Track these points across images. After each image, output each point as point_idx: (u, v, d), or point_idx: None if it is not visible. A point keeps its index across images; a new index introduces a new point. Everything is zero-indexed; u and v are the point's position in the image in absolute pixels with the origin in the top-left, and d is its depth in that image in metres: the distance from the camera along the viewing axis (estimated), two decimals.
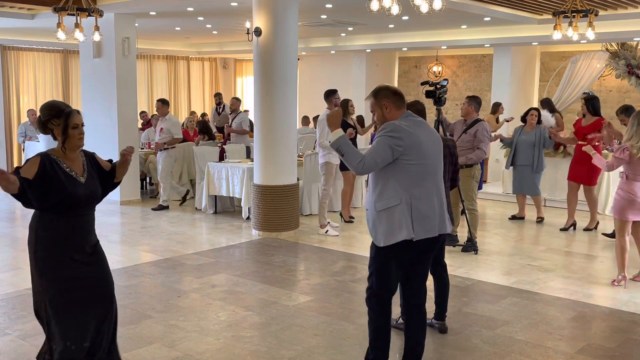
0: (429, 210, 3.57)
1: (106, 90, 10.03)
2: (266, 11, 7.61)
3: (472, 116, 7.25)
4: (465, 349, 4.40)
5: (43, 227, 3.38)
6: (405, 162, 3.53)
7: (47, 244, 3.38)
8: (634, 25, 10.06)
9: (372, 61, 15.55)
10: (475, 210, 7.16)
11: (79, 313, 3.42)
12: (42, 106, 3.48)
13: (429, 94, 6.62)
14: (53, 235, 3.38)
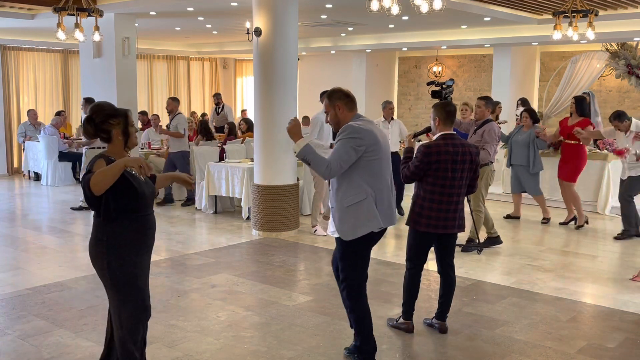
0: (389, 201, 3.92)
1: (106, 91, 10.02)
2: (266, 11, 7.61)
3: (486, 117, 7.19)
4: (465, 349, 4.40)
5: (114, 234, 3.24)
6: (368, 159, 3.80)
7: (121, 252, 3.26)
8: (634, 25, 10.07)
9: (372, 61, 15.55)
10: (480, 211, 7.13)
11: (146, 321, 3.45)
12: (92, 108, 3.32)
13: (435, 94, 6.63)
14: (127, 240, 3.27)
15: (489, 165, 7.10)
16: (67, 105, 14.58)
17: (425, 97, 15.59)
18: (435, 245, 4.64)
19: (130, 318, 3.34)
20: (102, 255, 3.26)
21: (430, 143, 4.49)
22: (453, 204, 4.47)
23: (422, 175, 4.46)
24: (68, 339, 4.50)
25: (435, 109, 4.57)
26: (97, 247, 3.27)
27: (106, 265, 3.26)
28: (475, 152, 4.54)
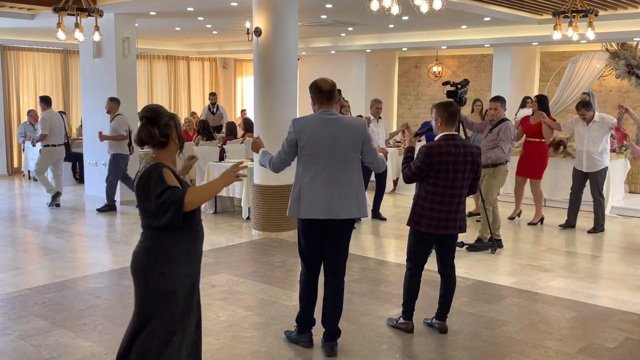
0: (319, 196, 4.11)
1: (106, 90, 10.02)
2: (266, 11, 7.61)
3: (501, 116, 7.17)
4: (465, 349, 4.40)
5: (172, 245, 3.06)
6: (300, 153, 4.14)
7: (177, 263, 3.08)
8: (634, 25, 10.07)
9: (372, 61, 15.55)
10: (494, 209, 7.13)
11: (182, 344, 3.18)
12: (151, 111, 3.10)
13: (450, 94, 6.65)
14: (183, 251, 3.10)
15: (504, 164, 7.08)
16: (67, 106, 14.58)
17: (425, 97, 15.59)
18: (436, 245, 4.64)
19: (161, 337, 3.07)
20: (155, 266, 3.04)
21: (432, 144, 4.48)
22: (454, 205, 4.47)
23: (423, 175, 4.46)
24: (68, 339, 4.50)
25: (437, 109, 4.55)
26: (150, 257, 3.05)
27: (158, 276, 3.04)
28: (477, 152, 4.52)
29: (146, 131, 3.05)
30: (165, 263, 3.05)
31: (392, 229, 8.40)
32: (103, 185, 9.92)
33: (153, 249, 3.05)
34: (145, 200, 3.00)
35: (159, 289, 3.06)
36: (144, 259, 3.07)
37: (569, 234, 8.14)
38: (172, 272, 3.06)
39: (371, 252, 7.17)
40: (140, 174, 3.03)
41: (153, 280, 3.05)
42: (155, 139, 3.05)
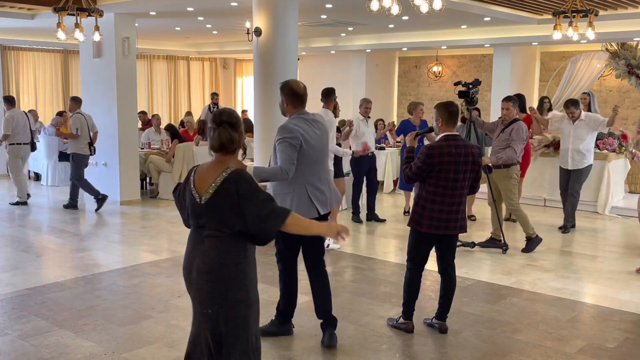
0: (322, 193, 4.28)
1: (106, 90, 10.03)
2: (266, 11, 7.61)
3: (513, 116, 7.13)
4: (465, 348, 4.40)
5: (251, 259, 3.04)
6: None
7: (254, 281, 3.07)
8: (634, 25, 10.07)
9: (372, 61, 15.55)
10: (517, 210, 7.10)
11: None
12: (230, 115, 2.98)
13: (462, 94, 6.64)
14: (254, 267, 3.07)
15: (515, 165, 7.04)
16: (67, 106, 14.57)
17: (425, 97, 15.59)
18: (436, 245, 4.64)
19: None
20: (240, 280, 2.96)
21: (433, 144, 4.47)
22: (455, 205, 4.47)
23: (424, 176, 4.45)
24: (68, 339, 4.50)
25: (437, 110, 4.55)
26: (233, 271, 2.93)
27: (244, 293, 2.97)
28: (477, 153, 4.52)
29: (228, 136, 2.91)
30: (249, 277, 3.06)
31: (392, 229, 8.40)
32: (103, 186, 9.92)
33: (234, 262, 2.94)
34: (249, 205, 2.86)
35: (245, 308, 2.99)
36: (221, 272, 2.92)
37: (569, 234, 8.13)
38: (254, 290, 3.11)
39: (371, 252, 7.17)
40: (225, 180, 2.86)
41: (239, 299, 2.96)
42: (236, 143, 2.95)
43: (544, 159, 9.79)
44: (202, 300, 2.93)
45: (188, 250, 3.00)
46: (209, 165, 2.96)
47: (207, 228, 2.91)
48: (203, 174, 2.93)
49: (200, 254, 2.92)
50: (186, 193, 2.99)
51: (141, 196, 10.52)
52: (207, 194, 2.88)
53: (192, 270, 2.94)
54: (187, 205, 2.98)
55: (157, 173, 10.75)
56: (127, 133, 10.06)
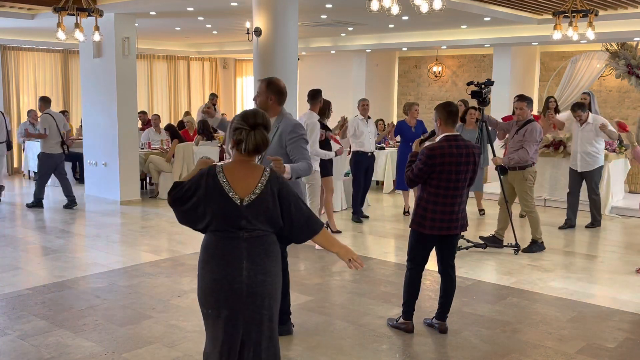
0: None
1: (106, 90, 10.03)
2: (266, 11, 7.61)
3: (527, 117, 7.11)
4: (465, 348, 4.40)
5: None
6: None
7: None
8: (634, 25, 10.06)
9: (372, 61, 15.54)
10: (532, 212, 7.08)
11: None
12: (265, 115, 2.96)
13: (475, 94, 6.64)
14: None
15: (531, 166, 7.01)
16: (67, 106, 14.58)
17: (425, 97, 15.58)
18: (437, 245, 4.64)
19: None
20: (280, 277, 3.01)
21: (433, 145, 4.46)
22: (456, 205, 4.47)
23: (425, 177, 4.44)
24: (68, 339, 4.50)
25: (437, 110, 4.55)
26: (280, 264, 2.99)
27: (280, 290, 3.02)
28: (478, 152, 4.53)
29: (265, 138, 2.88)
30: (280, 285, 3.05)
31: (392, 229, 8.40)
32: (103, 185, 9.92)
33: (280, 254, 3.01)
34: (294, 207, 2.92)
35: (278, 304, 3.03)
36: (273, 271, 2.95)
37: (569, 234, 8.14)
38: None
39: (371, 252, 7.18)
40: (269, 181, 2.87)
41: (276, 299, 2.99)
42: (268, 145, 2.94)
43: (544, 159, 9.79)
44: (257, 302, 2.88)
45: (224, 256, 2.89)
46: (241, 166, 2.90)
47: (247, 229, 2.86)
48: (239, 175, 2.87)
49: (245, 256, 2.86)
50: (212, 195, 2.85)
51: (141, 196, 10.52)
52: (252, 195, 2.84)
53: (242, 274, 2.85)
54: (214, 208, 2.85)
55: (157, 173, 10.75)
56: (127, 133, 10.06)
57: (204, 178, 2.88)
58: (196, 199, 2.88)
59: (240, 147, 2.87)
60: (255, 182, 2.86)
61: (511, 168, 7.04)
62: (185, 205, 2.93)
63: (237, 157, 2.92)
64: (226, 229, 2.87)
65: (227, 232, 2.88)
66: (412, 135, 8.83)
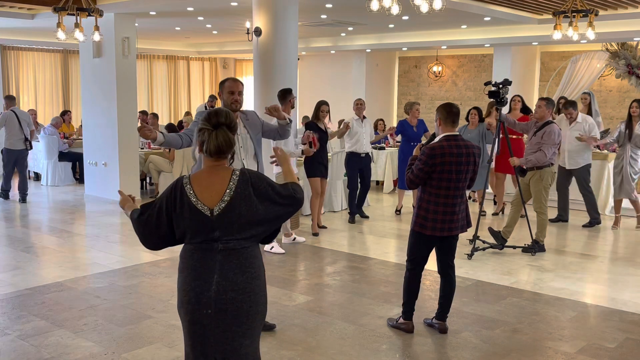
0: None
1: (106, 90, 10.03)
2: (266, 11, 7.61)
3: (546, 118, 7.07)
4: (465, 348, 4.40)
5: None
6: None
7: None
8: (634, 25, 10.07)
9: (372, 61, 15.55)
10: (542, 213, 7.06)
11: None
12: (233, 117, 2.80)
13: (493, 94, 6.66)
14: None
15: (549, 167, 6.99)
16: (67, 106, 14.59)
17: (425, 97, 15.59)
18: (437, 246, 4.63)
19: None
20: (263, 289, 2.78)
21: (434, 145, 4.45)
22: (457, 206, 4.47)
23: (425, 178, 4.43)
24: (68, 339, 4.50)
25: (438, 110, 4.57)
26: (259, 280, 2.75)
27: (263, 304, 2.78)
28: (477, 152, 4.53)
29: (227, 138, 2.68)
30: (264, 284, 2.83)
31: (392, 229, 8.40)
32: (103, 185, 9.91)
33: (260, 270, 2.77)
34: (270, 203, 2.73)
35: (263, 314, 2.81)
36: (251, 283, 2.71)
37: (569, 234, 8.14)
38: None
39: (371, 252, 7.17)
40: (240, 183, 2.67)
41: (262, 304, 2.79)
42: (232, 147, 2.72)
43: None
44: (228, 320, 2.67)
45: (195, 269, 2.67)
46: (209, 172, 2.70)
47: (220, 242, 2.66)
48: (205, 183, 2.67)
49: (217, 270, 2.65)
50: (181, 208, 2.67)
51: (141, 196, 10.52)
52: (222, 203, 2.63)
53: (210, 289, 2.64)
54: (186, 222, 2.67)
55: (157, 173, 10.75)
56: (127, 133, 10.06)
57: (173, 191, 2.70)
58: (167, 211, 2.70)
59: (203, 149, 2.68)
60: (224, 189, 2.64)
61: (528, 168, 7.04)
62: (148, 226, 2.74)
63: (205, 162, 2.73)
64: (200, 242, 2.68)
65: (200, 245, 2.68)
66: (414, 134, 8.87)
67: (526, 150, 7.19)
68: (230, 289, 2.64)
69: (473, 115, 8.93)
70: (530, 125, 7.35)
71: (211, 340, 2.69)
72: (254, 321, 2.73)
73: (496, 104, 6.97)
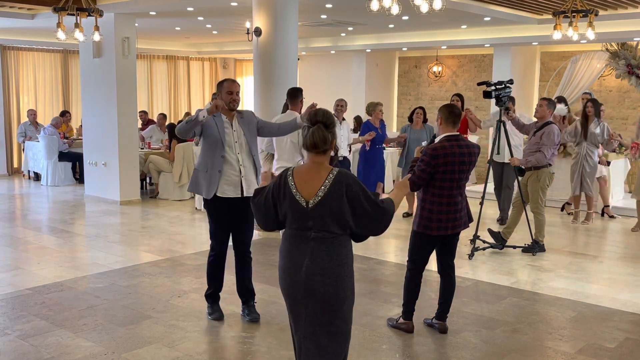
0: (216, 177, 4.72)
1: (106, 90, 10.03)
2: (266, 11, 7.61)
3: (547, 118, 7.06)
4: (465, 348, 4.40)
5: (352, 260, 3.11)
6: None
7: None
8: (634, 25, 10.06)
9: (372, 61, 15.54)
10: (539, 214, 7.06)
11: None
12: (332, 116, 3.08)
13: (486, 94, 6.63)
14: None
15: (547, 167, 6.99)
16: (67, 106, 14.58)
17: (425, 97, 15.59)
18: (439, 246, 4.63)
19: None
20: (350, 276, 3.03)
21: (436, 145, 4.45)
22: (459, 204, 4.50)
23: (428, 179, 4.43)
24: (68, 339, 4.50)
25: (439, 111, 4.59)
26: (345, 267, 2.99)
27: (351, 293, 3.04)
28: (477, 152, 4.56)
29: (322, 135, 2.97)
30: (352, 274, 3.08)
31: (392, 229, 8.36)
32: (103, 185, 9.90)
33: (346, 258, 3.01)
34: (359, 206, 2.94)
35: (349, 306, 3.08)
36: (336, 270, 2.97)
37: (569, 234, 8.14)
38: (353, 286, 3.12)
39: (371, 252, 7.17)
40: (334, 182, 2.92)
41: (348, 297, 3.04)
42: (328, 144, 3.00)
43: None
44: (316, 298, 2.96)
45: (291, 252, 3.01)
46: (310, 167, 2.99)
47: (313, 230, 2.95)
48: (305, 177, 2.96)
49: (308, 254, 2.95)
50: (284, 197, 2.98)
51: (141, 196, 10.52)
52: (316, 197, 2.92)
53: (300, 271, 2.95)
54: (286, 209, 2.99)
55: (157, 173, 10.75)
56: (127, 133, 10.06)
57: (280, 180, 3.03)
58: (272, 198, 3.05)
59: (303, 144, 3.02)
60: (319, 185, 2.93)
61: (527, 168, 7.04)
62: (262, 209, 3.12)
63: (310, 158, 3.02)
64: (297, 228, 3.00)
65: (296, 231, 3.00)
66: (378, 135, 8.51)
67: (525, 151, 7.19)
68: (317, 273, 2.93)
69: (418, 114, 8.74)
70: (531, 125, 7.36)
71: (303, 317, 3.00)
72: (342, 305, 2.99)
73: (496, 104, 6.98)
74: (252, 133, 4.87)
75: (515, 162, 7.08)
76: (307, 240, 2.96)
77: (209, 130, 4.69)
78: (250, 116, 4.93)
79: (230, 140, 4.72)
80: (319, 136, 2.96)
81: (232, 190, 4.74)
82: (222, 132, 4.70)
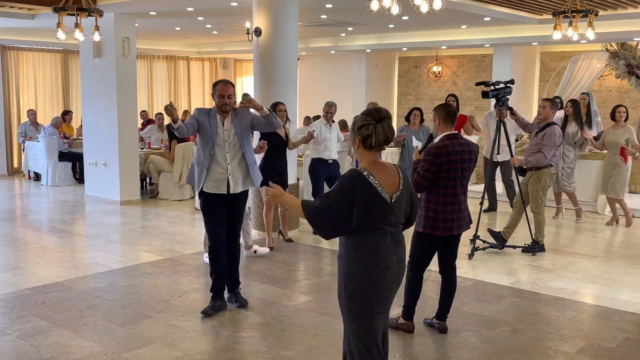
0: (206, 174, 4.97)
1: (106, 90, 10.03)
2: (266, 11, 7.61)
3: (549, 118, 7.03)
4: (465, 348, 4.41)
5: None
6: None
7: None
8: (634, 25, 10.06)
9: (372, 61, 15.55)
10: (539, 214, 7.05)
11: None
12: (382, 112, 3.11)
13: (484, 94, 6.64)
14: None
15: (548, 168, 6.98)
16: (67, 106, 14.58)
17: (425, 97, 15.59)
18: (441, 246, 4.63)
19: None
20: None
21: (438, 144, 4.44)
22: (462, 203, 4.50)
23: (433, 179, 4.41)
24: (68, 339, 4.51)
25: (435, 110, 4.59)
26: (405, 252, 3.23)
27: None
28: (476, 150, 4.56)
29: (391, 129, 3.06)
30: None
31: None
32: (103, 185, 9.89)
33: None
34: (413, 195, 3.20)
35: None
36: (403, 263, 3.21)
37: (569, 234, 8.14)
38: None
39: None
40: (405, 178, 3.10)
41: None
42: (394, 136, 3.15)
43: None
44: (398, 283, 3.15)
45: (377, 253, 2.99)
46: (378, 166, 3.02)
47: (392, 225, 3.05)
48: (383, 175, 3.01)
49: (392, 250, 3.05)
50: (367, 197, 2.93)
51: (141, 196, 10.52)
52: (398, 192, 3.04)
53: (393, 261, 3.04)
54: (367, 211, 2.94)
55: (157, 173, 10.75)
56: (127, 133, 10.06)
57: (355, 183, 2.94)
58: (349, 203, 2.94)
59: (368, 142, 2.99)
60: (398, 180, 3.05)
61: (528, 169, 7.04)
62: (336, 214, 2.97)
63: (367, 157, 3.04)
64: (377, 227, 3.00)
65: (377, 229, 3.01)
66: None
67: (527, 151, 7.19)
68: (400, 260, 3.12)
69: (415, 116, 8.62)
70: (533, 125, 7.36)
71: (390, 302, 3.13)
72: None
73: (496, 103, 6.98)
74: (246, 130, 5.08)
75: (515, 162, 7.08)
76: (386, 235, 3.02)
77: (203, 128, 4.96)
78: (244, 115, 5.10)
79: (220, 140, 4.94)
80: (390, 129, 3.02)
81: (217, 187, 4.98)
82: (214, 131, 4.95)
